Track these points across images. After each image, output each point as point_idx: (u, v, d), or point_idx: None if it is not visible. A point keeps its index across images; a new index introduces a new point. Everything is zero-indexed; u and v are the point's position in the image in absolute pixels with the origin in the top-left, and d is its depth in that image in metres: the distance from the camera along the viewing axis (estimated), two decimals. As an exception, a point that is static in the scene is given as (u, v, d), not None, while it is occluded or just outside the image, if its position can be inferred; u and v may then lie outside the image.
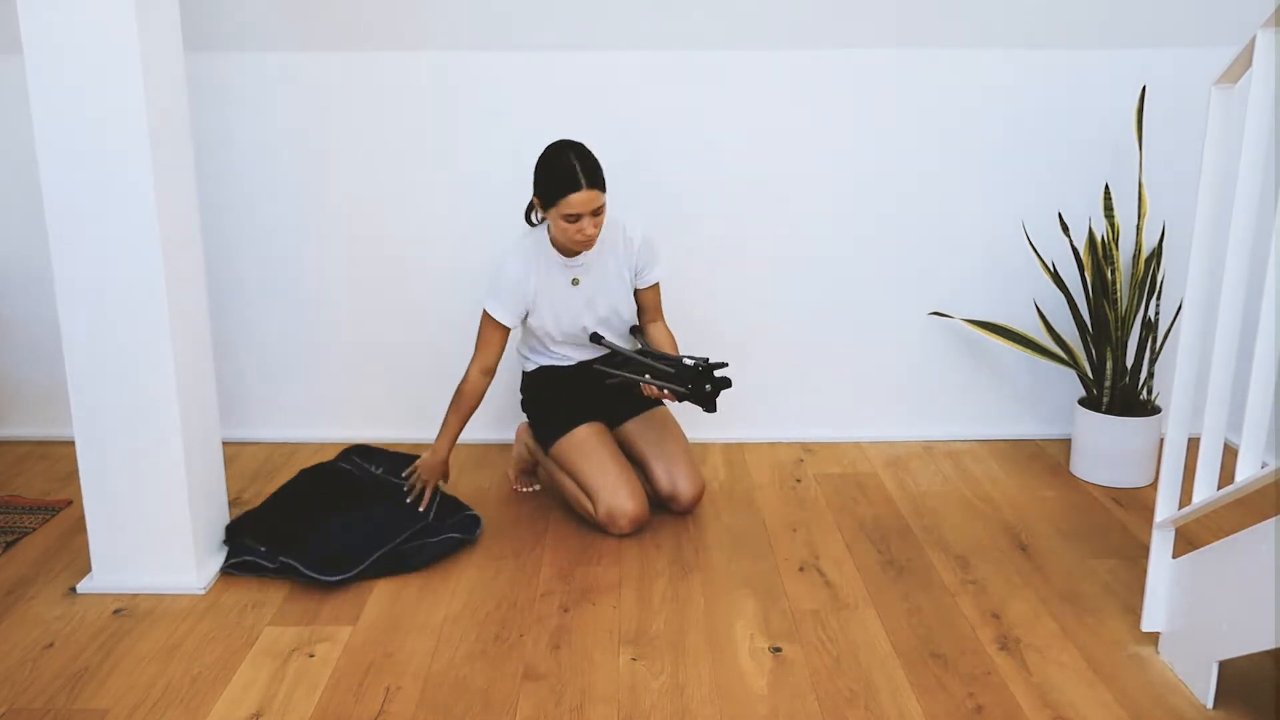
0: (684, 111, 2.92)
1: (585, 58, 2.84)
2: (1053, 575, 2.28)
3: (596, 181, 2.31)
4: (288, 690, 1.87)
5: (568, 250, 2.45)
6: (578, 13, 2.81)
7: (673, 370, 2.33)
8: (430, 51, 2.87)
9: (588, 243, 2.38)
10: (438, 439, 2.51)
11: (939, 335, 3.10)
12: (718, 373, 2.31)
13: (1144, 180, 2.76)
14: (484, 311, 2.47)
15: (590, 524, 2.52)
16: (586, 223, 2.32)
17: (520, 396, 2.70)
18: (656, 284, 2.58)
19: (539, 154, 2.38)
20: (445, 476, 2.56)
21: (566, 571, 2.31)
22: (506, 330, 2.48)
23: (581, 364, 2.60)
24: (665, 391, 2.35)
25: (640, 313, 2.62)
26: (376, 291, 3.04)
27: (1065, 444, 3.07)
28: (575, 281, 2.48)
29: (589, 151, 2.34)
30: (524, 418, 2.75)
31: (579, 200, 2.29)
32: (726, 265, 3.00)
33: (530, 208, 2.51)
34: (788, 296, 3.06)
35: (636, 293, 2.58)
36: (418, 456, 2.89)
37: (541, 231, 2.48)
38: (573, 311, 2.50)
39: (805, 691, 1.86)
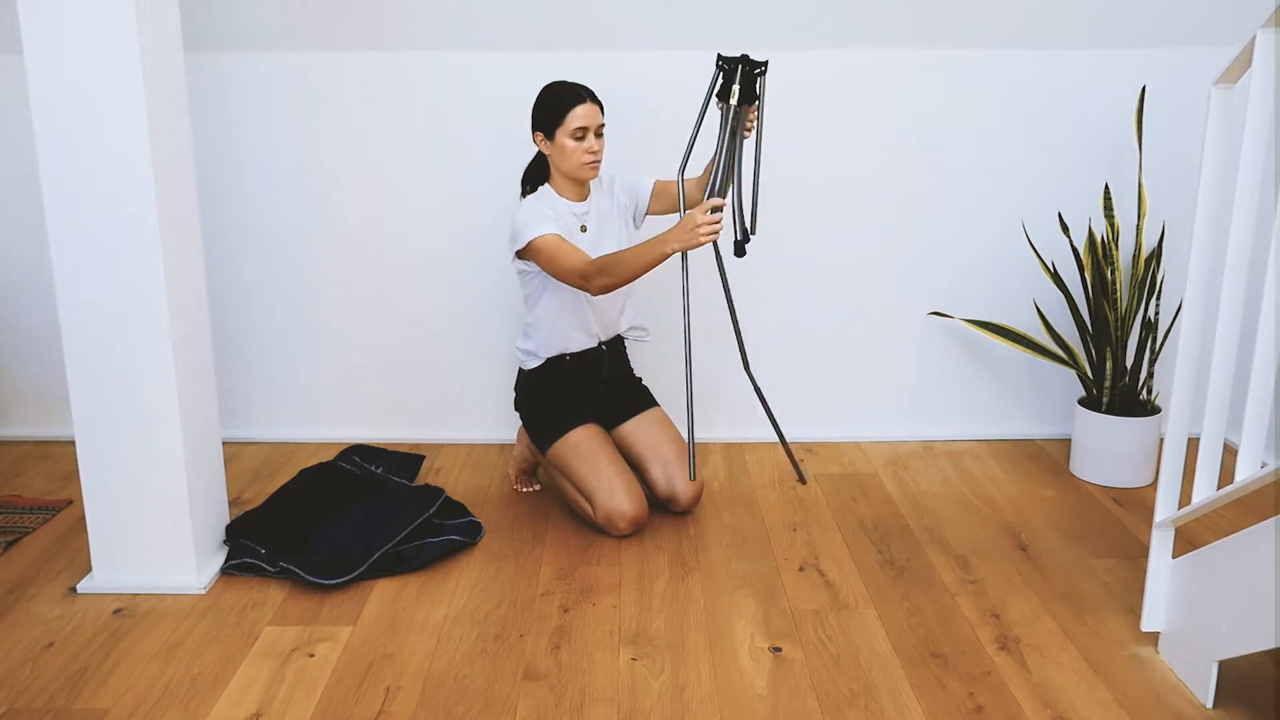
0: (683, 112, 2.91)
1: (586, 58, 2.83)
2: (1053, 575, 2.28)
3: (596, 100, 2.43)
4: (288, 690, 1.87)
5: (574, 192, 2.50)
6: (578, 13, 2.82)
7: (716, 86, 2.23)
8: (430, 51, 2.87)
9: (596, 162, 2.44)
10: (645, 250, 2.25)
11: (939, 335, 3.10)
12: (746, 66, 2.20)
13: (1144, 180, 2.76)
14: (535, 244, 2.35)
15: (591, 524, 2.52)
16: (593, 140, 2.41)
17: (515, 396, 2.69)
18: (654, 181, 2.61)
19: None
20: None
21: (566, 571, 2.31)
22: (563, 238, 2.37)
23: (584, 353, 2.59)
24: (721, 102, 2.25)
25: (678, 196, 2.57)
26: (376, 291, 3.04)
27: (1065, 444, 3.07)
28: (584, 228, 2.51)
29: None
30: (524, 418, 2.75)
31: (583, 112, 2.38)
32: (725, 266, 3.00)
33: (526, 177, 2.57)
34: (787, 296, 3.06)
35: (653, 202, 2.62)
36: (419, 456, 2.90)
37: (541, 191, 2.51)
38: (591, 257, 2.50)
39: (805, 691, 1.86)
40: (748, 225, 2.28)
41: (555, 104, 2.40)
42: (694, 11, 2.83)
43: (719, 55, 2.24)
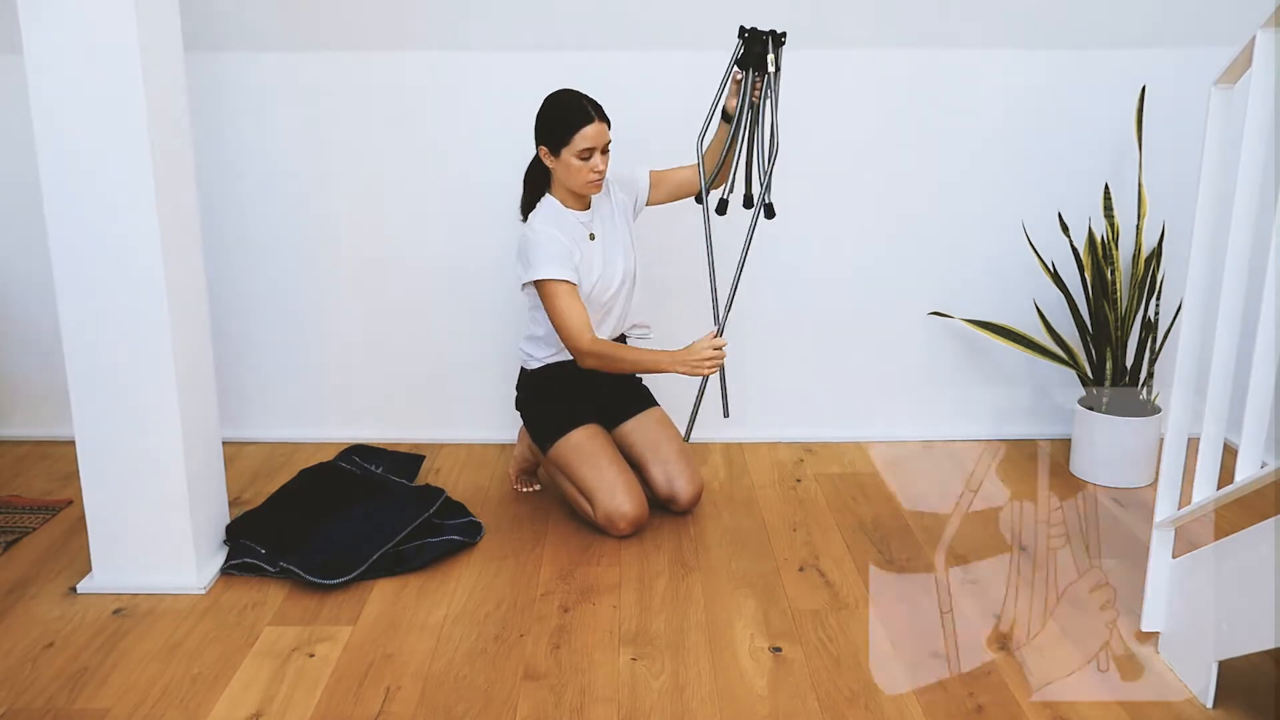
0: (683, 112, 2.91)
1: (586, 58, 2.83)
2: (1053, 575, 2.28)
3: (604, 117, 2.39)
4: (288, 690, 1.87)
5: (578, 200, 2.49)
6: (578, 13, 2.82)
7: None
8: (430, 51, 2.87)
9: (600, 180, 2.42)
10: (646, 357, 2.39)
11: (939, 335, 3.10)
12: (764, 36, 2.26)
13: (1144, 180, 2.76)
14: (547, 284, 2.37)
15: (591, 524, 2.52)
16: (598, 159, 2.39)
17: (516, 395, 2.69)
18: (648, 171, 2.62)
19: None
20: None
21: (566, 571, 2.31)
22: (576, 288, 2.40)
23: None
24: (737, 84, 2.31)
25: (679, 183, 2.61)
26: (376, 291, 3.04)
27: (1065, 444, 3.07)
28: (591, 236, 2.51)
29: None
30: (524, 418, 2.74)
31: (591, 133, 2.35)
32: (726, 266, 3.00)
33: (527, 178, 2.55)
34: (788, 296, 3.06)
35: (652, 193, 2.62)
36: (419, 456, 2.90)
37: (546, 204, 2.49)
38: (600, 265, 2.49)
39: (805, 691, 1.86)
40: (762, 191, 2.31)
41: (562, 122, 2.36)
42: (697, 13, 2.82)
43: (740, 26, 2.27)
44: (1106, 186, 2.80)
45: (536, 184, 2.54)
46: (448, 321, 3.06)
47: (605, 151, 2.40)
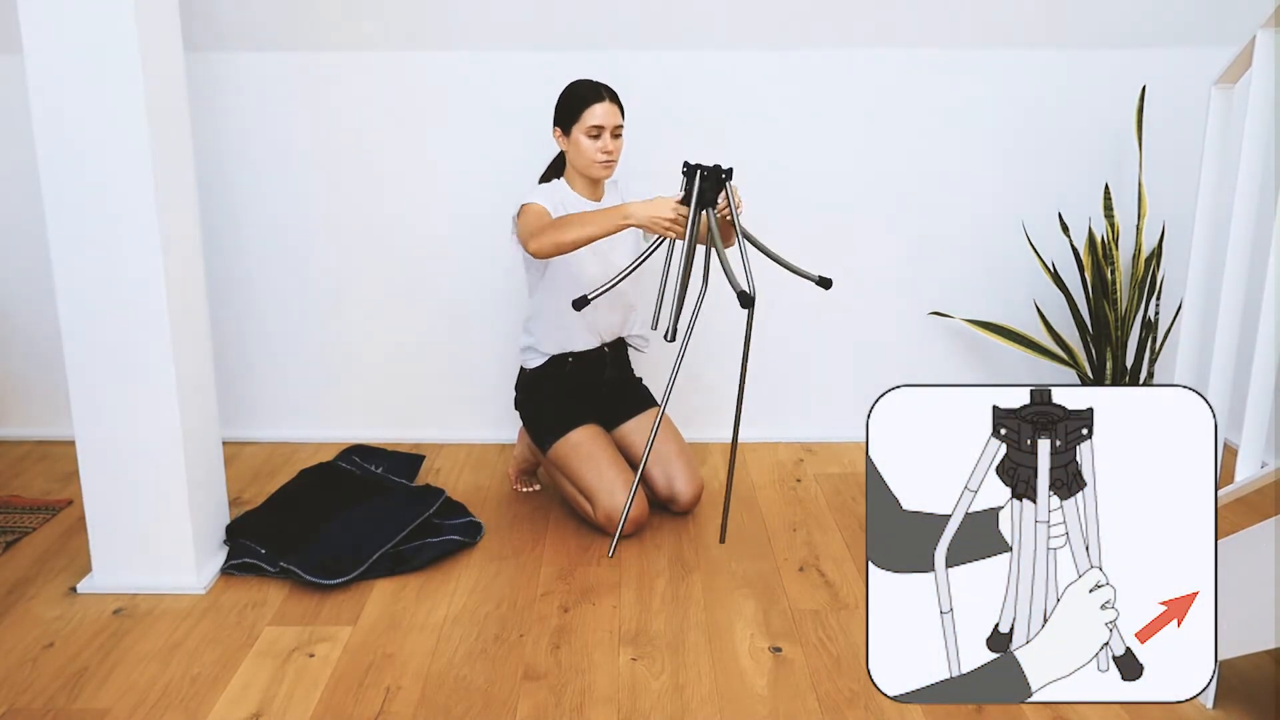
0: (684, 111, 2.92)
1: (587, 57, 2.83)
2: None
3: (616, 99, 2.44)
4: (288, 690, 1.87)
5: (590, 190, 2.50)
6: (580, 12, 2.81)
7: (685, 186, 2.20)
8: (430, 51, 2.87)
9: (610, 162, 2.44)
10: (594, 215, 2.24)
11: (939, 335, 3.10)
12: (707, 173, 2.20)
13: (1144, 180, 2.76)
14: (525, 207, 2.36)
15: (591, 524, 2.52)
16: (608, 140, 2.41)
17: (515, 395, 2.69)
18: None
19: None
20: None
21: (566, 571, 2.31)
22: (548, 212, 2.37)
23: (587, 353, 2.59)
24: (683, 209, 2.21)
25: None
26: (377, 292, 3.04)
27: (1065, 444, 3.07)
28: None
29: None
30: (524, 418, 2.74)
31: (601, 111, 2.39)
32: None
33: (545, 176, 2.58)
34: (788, 296, 3.06)
35: None
36: (419, 456, 2.90)
37: (554, 183, 2.51)
38: (589, 255, 2.48)
39: (805, 691, 1.86)
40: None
41: (574, 100, 2.42)
42: (699, 12, 2.82)
43: (685, 162, 2.24)
44: (1106, 186, 2.80)
45: (553, 176, 2.57)
46: (448, 322, 3.06)
47: (617, 136, 2.43)
